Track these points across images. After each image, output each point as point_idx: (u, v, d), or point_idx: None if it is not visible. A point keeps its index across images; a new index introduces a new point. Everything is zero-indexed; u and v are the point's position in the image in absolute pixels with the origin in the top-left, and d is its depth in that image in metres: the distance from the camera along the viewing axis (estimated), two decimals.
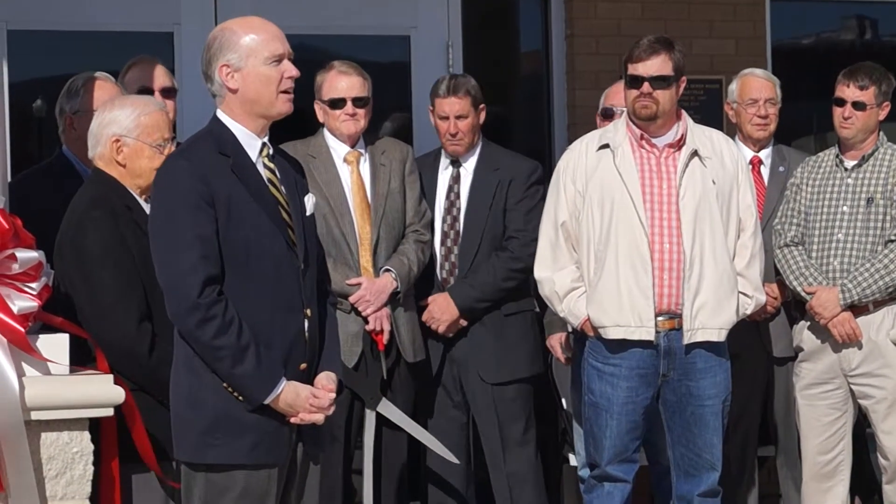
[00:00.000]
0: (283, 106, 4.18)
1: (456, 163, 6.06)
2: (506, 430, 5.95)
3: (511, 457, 5.96)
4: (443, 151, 6.11)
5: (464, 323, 5.91)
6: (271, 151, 4.24)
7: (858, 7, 7.83)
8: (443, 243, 6.03)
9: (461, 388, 5.98)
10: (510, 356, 5.95)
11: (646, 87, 5.33)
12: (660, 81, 5.35)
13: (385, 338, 5.71)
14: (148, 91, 5.31)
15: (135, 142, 4.62)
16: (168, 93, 5.43)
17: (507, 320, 5.97)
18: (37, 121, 6.28)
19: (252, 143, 4.18)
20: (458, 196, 6.04)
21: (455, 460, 5.78)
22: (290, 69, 4.18)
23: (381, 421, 5.68)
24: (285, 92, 4.17)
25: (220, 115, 4.20)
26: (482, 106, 6.03)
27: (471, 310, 5.89)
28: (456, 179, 6.05)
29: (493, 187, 5.97)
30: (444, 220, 6.04)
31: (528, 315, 5.99)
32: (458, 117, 5.95)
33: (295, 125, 5.25)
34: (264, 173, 4.18)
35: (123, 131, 4.62)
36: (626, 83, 5.42)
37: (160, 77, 5.48)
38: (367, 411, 5.68)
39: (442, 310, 5.89)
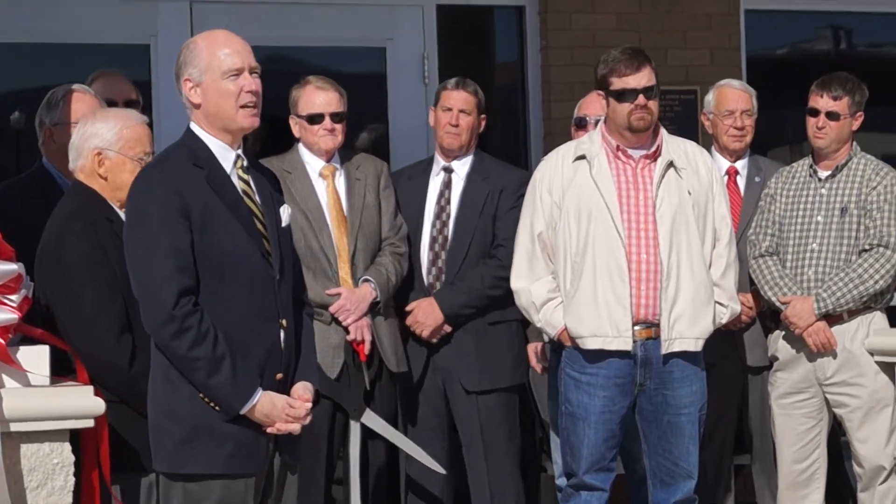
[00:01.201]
0: (245, 120, 4.16)
1: (448, 169, 6.04)
2: (487, 438, 5.91)
3: (492, 465, 5.93)
4: (436, 157, 6.10)
5: (448, 329, 5.88)
6: (246, 163, 4.22)
7: (833, 17, 7.85)
8: (431, 248, 6.01)
9: (445, 396, 5.96)
10: (493, 365, 5.92)
11: (641, 98, 5.31)
12: (651, 91, 5.35)
13: (367, 348, 5.69)
14: (113, 103, 5.28)
15: (117, 155, 4.60)
16: (132, 105, 5.39)
17: (492, 329, 5.94)
18: (14, 133, 6.26)
19: (226, 156, 4.17)
20: (448, 202, 6.02)
21: (440, 470, 5.77)
22: (249, 83, 4.15)
23: (365, 432, 5.67)
24: (245, 106, 4.14)
25: (193, 127, 4.20)
26: (483, 115, 6.07)
27: (456, 316, 5.86)
28: (447, 185, 6.04)
29: (484, 195, 5.96)
30: (433, 225, 6.02)
31: (512, 324, 5.94)
32: (461, 111, 5.95)
33: (271, 137, 5.25)
34: (239, 185, 4.17)
35: (105, 144, 4.61)
36: (611, 97, 5.35)
37: (125, 89, 5.47)
38: (352, 422, 5.65)
39: (427, 314, 5.86)
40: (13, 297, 4.22)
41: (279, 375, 4.14)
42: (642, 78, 5.32)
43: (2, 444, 4.14)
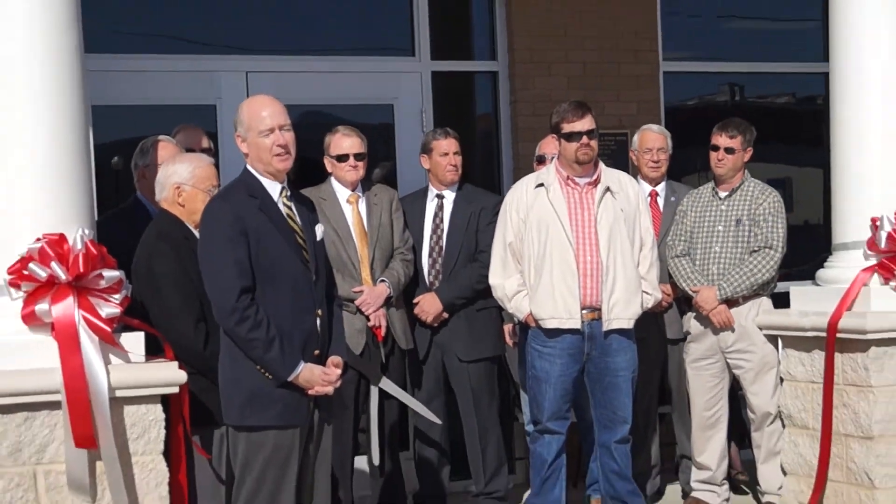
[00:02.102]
0: (279, 164, 4.18)
1: (440, 196, 5.99)
2: (475, 396, 5.90)
3: (479, 416, 5.90)
4: (430, 187, 6.05)
5: (446, 315, 5.86)
6: (288, 193, 4.24)
7: (729, 77, 7.69)
8: (430, 255, 5.96)
9: (443, 366, 5.92)
10: (479, 341, 5.92)
11: (585, 139, 5.32)
12: (592, 133, 5.36)
13: (383, 332, 5.66)
14: (191, 149, 5.21)
15: (191, 188, 4.61)
16: (205, 150, 5.29)
17: (477, 314, 5.92)
18: (114, 173, 6.24)
19: (273, 188, 4.20)
20: (441, 220, 5.97)
21: (439, 421, 5.75)
22: (279, 139, 4.16)
23: (381, 394, 5.64)
24: (277, 155, 4.15)
25: (248, 167, 4.24)
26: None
27: (451, 305, 5.85)
28: (440, 208, 5.98)
29: (468, 215, 5.92)
30: (431, 238, 5.97)
31: (492, 311, 5.90)
32: (455, 153, 5.94)
33: (308, 172, 5.22)
34: (283, 210, 4.20)
35: (183, 180, 4.62)
36: (562, 138, 5.36)
37: (200, 139, 5.40)
38: (372, 387, 5.63)
39: (430, 305, 5.84)
40: (116, 296, 4.26)
41: (316, 352, 4.18)
42: (585, 123, 5.33)
43: (110, 405, 4.14)
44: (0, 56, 4.24)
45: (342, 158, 5.72)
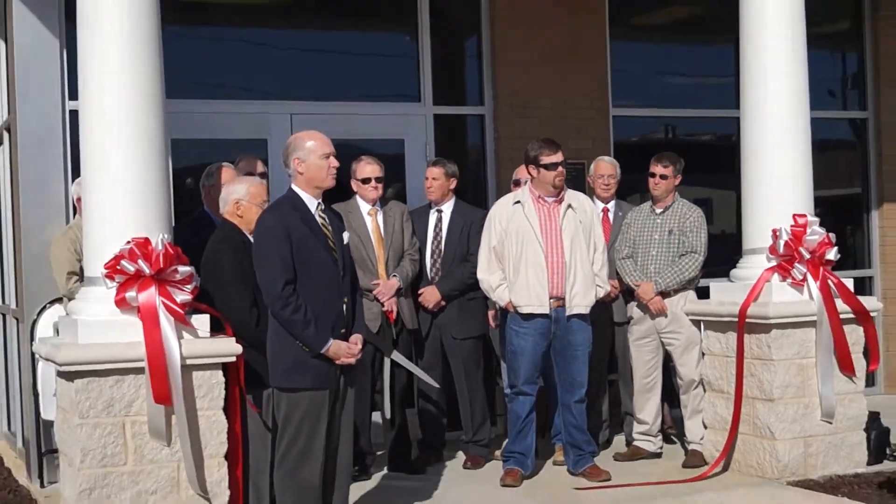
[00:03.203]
0: (330, 181, 4.23)
1: (439, 210, 5.93)
2: (466, 366, 5.87)
3: (469, 382, 5.89)
4: (431, 203, 5.98)
5: (443, 303, 5.82)
6: (323, 207, 4.25)
7: (664, 120, 7.63)
8: (431, 256, 5.89)
9: (440, 342, 5.89)
10: (469, 323, 5.89)
11: (560, 168, 5.34)
12: (563, 164, 5.39)
13: (394, 315, 5.65)
14: (251, 173, 5.20)
15: (247, 203, 4.60)
16: (262, 175, 5.32)
17: (468, 303, 5.87)
18: (189, 191, 6.23)
19: (311, 203, 4.21)
20: (440, 230, 5.91)
21: (437, 385, 5.71)
22: (334, 162, 4.22)
23: (392, 363, 5.61)
24: (332, 175, 4.22)
25: (293, 187, 4.24)
26: (453, 178, 5.92)
27: (448, 296, 5.81)
28: (439, 220, 5.92)
29: (461, 225, 5.88)
30: (432, 243, 5.90)
31: (479, 300, 5.84)
32: (433, 178, 5.88)
33: (340, 190, 5.26)
34: (319, 220, 4.20)
35: (241, 197, 4.62)
36: (542, 168, 5.33)
37: (257, 165, 5.41)
38: (385, 358, 5.60)
39: (431, 295, 5.80)
40: (188, 286, 4.30)
41: (343, 330, 4.17)
42: (559, 156, 5.36)
43: (182, 371, 4.18)
44: (99, 106, 4.34)
45: (366, 181, 5.71)
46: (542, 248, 5.34)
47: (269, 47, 6.74)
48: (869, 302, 5.64)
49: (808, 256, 5.42)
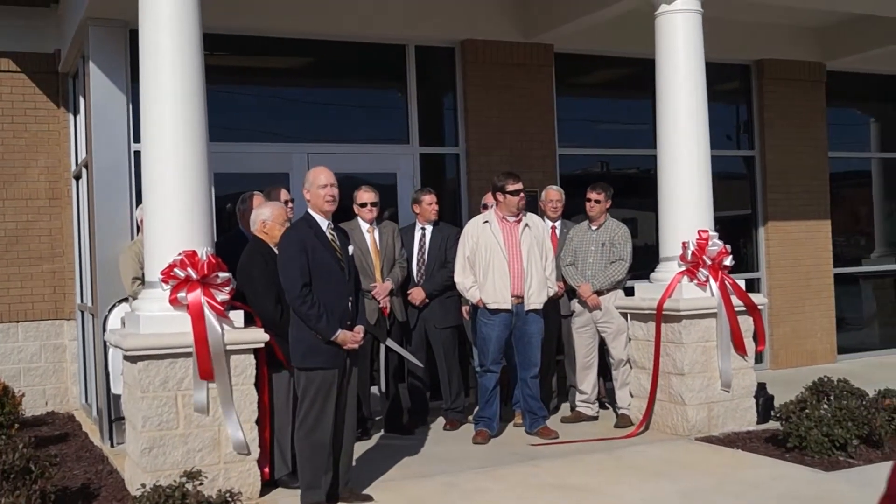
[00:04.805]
0: (328, 207, 4.14)
1: (423, 228, 5.86)
2: (445, 350, 5.82)
3: (448, 362, 5.83)
4: (417, 222, 5.89)
5: (427, 300, 5.77)
6: (332, 226, 4.21)
7: (599, 157, 7.58)
8: (417, 264, 5.82)
9: (425, 332, 5.84)
10: (447, 315, 5.83)
11: (522, 195, 5.35)
12: (523, 191, 5.39)
13: (388, 310, 5.60)
14: (277, 200, 5.08)
15: (272, 223, 4.57)
16: (286, 202, 5.21)
17: (447, 299, 5.82)
18: (228, 214, 6.22)
19: (323, 223, 4.18)
20: (424, 243, 5.84)
21: (421, 365, 5.70)
22: (329, 191, 4.13)
23: (387, 348, 5.60)
24: (328, 201, 4.14)
25: (309, 209, 4.21)
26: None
27: (431, 294, 5.76)
28: (423, 236, 5.86)
29: (441, 240, 5.83)
30: (418, 254, 5.84)
31: (455, 298, 5.78)
32: (435, 203, 5.87)
33: (343, 212, 5.22)
34: (329, 236, 4.17)
35: (267, 218, 4.59)
36: (507, 194, 5.29)
37: (283, 195, 5.32)
38: (381, 344, 5.58)
39: (418, 294, 5.74)
40: (227, 288, 4.26)
41: (349, 323, 4.13)
42: (520, 185, 5.34)
43: (224, 355, 4.15)
44: (157, 148, 4.33)
45: (363, 206, 5.67)
46: (505, 258, 5.33)
47: (290, 101, 6.73)
48: (757, 298, 5.63)
49: (709, 263, 5.44)
